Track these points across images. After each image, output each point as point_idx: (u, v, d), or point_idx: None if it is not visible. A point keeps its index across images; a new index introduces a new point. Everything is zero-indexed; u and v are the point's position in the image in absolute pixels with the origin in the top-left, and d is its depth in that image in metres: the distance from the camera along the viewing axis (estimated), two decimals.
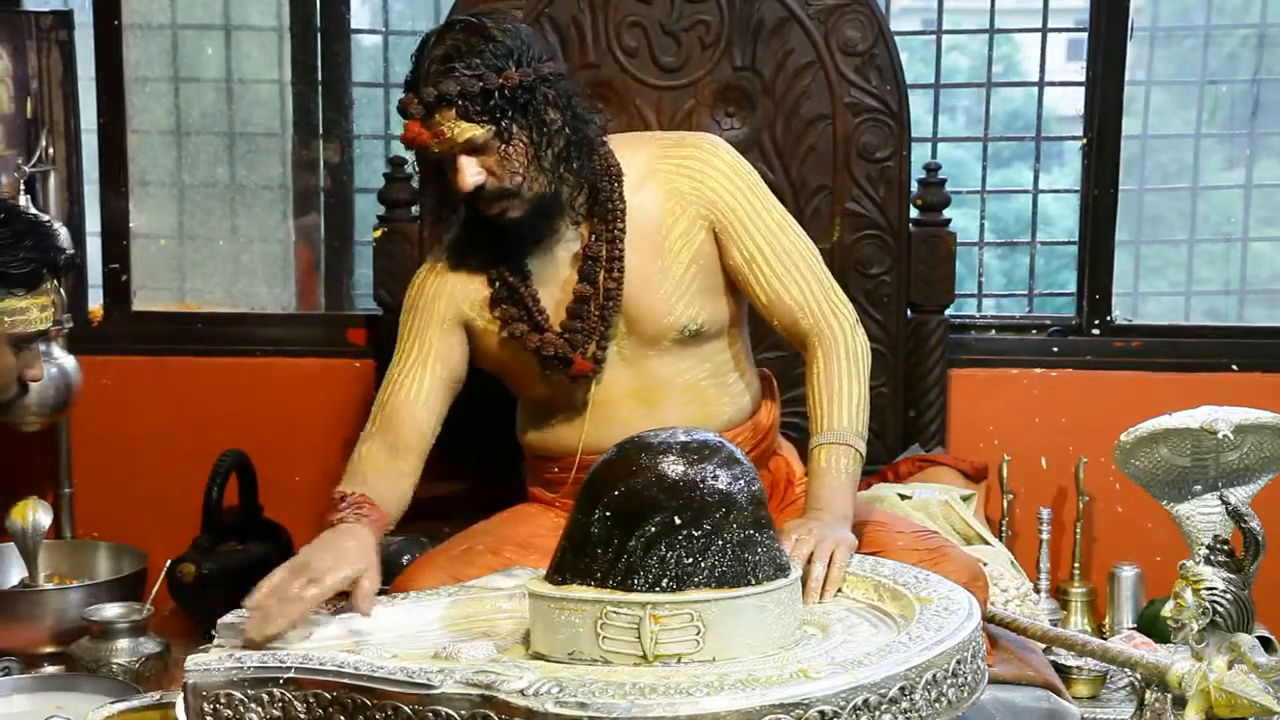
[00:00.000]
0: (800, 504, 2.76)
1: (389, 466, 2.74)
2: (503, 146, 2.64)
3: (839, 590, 2.43)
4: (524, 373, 2.87)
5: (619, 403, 2.84)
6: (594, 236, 2.78)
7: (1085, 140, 3.81)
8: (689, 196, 2.80)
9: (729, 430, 2.83)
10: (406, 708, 2.07)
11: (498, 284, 2.81)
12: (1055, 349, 3.81)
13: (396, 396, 2.80)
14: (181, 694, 2.22)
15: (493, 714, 2.01)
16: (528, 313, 2.80)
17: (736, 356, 2.91)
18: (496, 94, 2.61)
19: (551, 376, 2.83)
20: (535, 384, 2.88)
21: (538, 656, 2.20)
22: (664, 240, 2.80)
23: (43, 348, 2.85)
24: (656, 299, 2.80)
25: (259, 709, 2.17)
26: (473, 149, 2.64)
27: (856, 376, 2.76)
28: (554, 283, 2.81)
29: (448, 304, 2.83)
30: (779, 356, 3.29)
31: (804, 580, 2.37)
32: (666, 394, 2.84)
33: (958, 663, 2.13)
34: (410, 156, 3.62)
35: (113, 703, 2.52)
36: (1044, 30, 3.89)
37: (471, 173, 2.65)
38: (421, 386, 2.80)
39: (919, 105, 3.74)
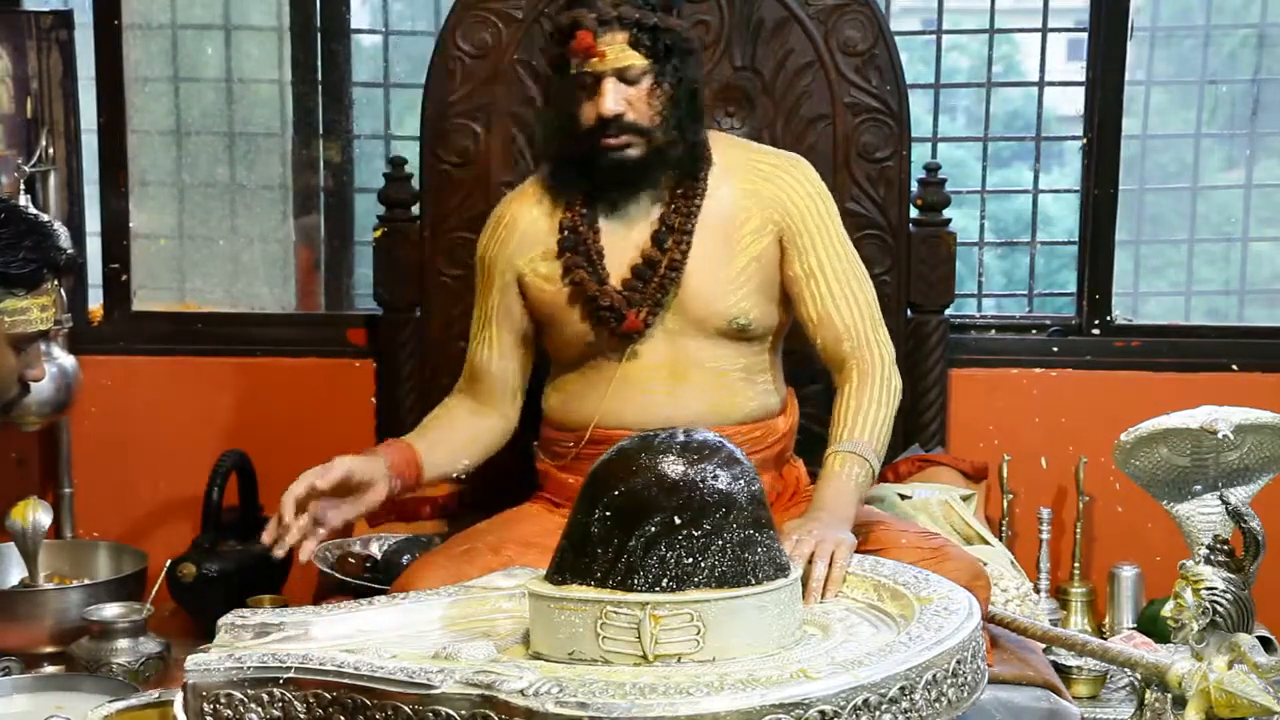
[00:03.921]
0: (803, 509, 2.76)
1: (465, 418, 3.00)
2: (653, 85, 2.78)
3: (839, 590, 2.44)
4: (566, 325, 2.92)
5: (645, 378, 2.88)
6: (672, 208, 2.86)
7: (1085, 140, 3.81)
8: (767, 200, 2.89)
9: (747, 423, 2.89)
10: (406, 708, 2.07)
11: (567, 231, 2.89)
12: (1055, 349, 3.81)
13: (476, 360, 3.03)
14: (181, 694, 2.22)
15: (493, 714, 2.01)
16: (590, 264, 2.87)
17: (768, 364, 2.97)
18: (665, 35, 2.76)
19: (596, 332, 2.87)
20: (573, 341, 2.92)
21: (538, 656, 2.20)
22: (734, 231, 2.88)
23: (43, 347, 2.84)
24: (715, 282, 2.86)
25: (259, 709, 2.17)
26: (624, 77, 2.76)
27: (886, 404, 2.83)
28: (622, 244, 2.88)
29: (505, 266, 2.97)
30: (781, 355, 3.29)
31: (804, 580, 2.38)
32: (694, 376, 2.89)
33: (958, 663, 2.13)
34: (406, 163, 3.62)
35: (112, 703, 2.51)
36: (1044, 30, 3.88)
37: (615, 98, 2.76)
38: (494, 348, 3.01)
39: (919, 105, 3.73)
